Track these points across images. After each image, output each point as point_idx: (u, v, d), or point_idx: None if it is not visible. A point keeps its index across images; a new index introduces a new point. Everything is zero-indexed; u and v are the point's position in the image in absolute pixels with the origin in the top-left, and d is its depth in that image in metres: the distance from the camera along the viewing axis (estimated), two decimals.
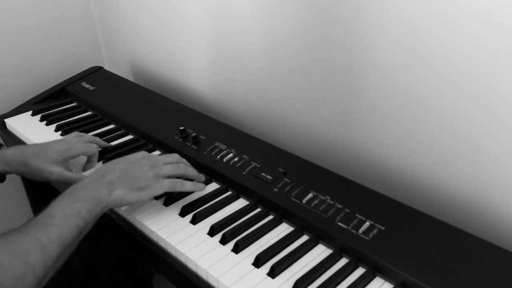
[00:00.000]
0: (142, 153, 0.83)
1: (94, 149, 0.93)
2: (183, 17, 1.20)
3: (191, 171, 0.84)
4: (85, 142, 0.93)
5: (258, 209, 0.81)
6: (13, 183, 1.36)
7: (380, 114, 0.88)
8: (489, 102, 0.72)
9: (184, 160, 0.86)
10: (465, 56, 0.72)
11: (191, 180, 0.84)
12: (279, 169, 0.86)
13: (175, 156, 0.85)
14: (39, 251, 0.62)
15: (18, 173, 0.89)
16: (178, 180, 0.80)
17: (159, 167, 0.79)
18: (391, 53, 0.81)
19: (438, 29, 0.74)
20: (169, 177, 0.79)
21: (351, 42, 0.86)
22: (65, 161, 0.88)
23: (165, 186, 0.78)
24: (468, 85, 0.74)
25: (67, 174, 0.86)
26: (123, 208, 0.82)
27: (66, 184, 0.81)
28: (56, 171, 0.85)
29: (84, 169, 0.94)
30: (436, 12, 0.73)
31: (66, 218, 0.67)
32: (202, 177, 0.86)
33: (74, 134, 0.97)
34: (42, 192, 1.21)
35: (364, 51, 0.85)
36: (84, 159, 0.94)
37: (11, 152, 0.88)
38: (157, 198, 0.84)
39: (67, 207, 0.68)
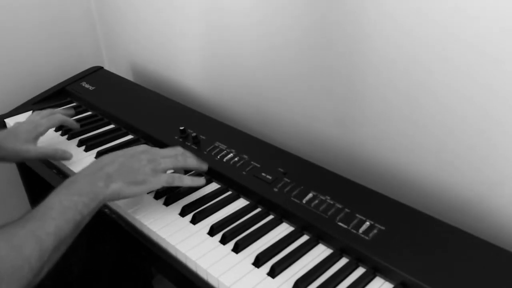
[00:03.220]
0: (143, 147, 0.82)
1: (58, 119, 0.99)
2: (184, 17, 1.20)
3: (191, 161, 0.83)
4: (47, 116, 0.99)
5: (258, 209, 0.81)
6: (12, 179, 1.36)
7: (379, 115, 0.88)
8: (488, 103, 0.72)
9: (188, 153, 0.85)
10: (463, 58, 0.72)
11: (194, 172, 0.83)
12: (279, 169, 0.86)
13: (178, 149, 0.84)
14: (35, 243, 0.62)
15: None
16: (177, 175, 0.80)
17: (158, 161, 0.79)
18: (390, 55, 0.81)
19: (436, 31, 0.74)
20: (168, 171, 0.79)
21: (349, 43, 0.86)
22: (36, 139, 0.95)
23: (163, 180, 0.77)
24: (466, 86, 0.74)
25: (43, 149, 0.94)
26: (122, 207, 0.82)
27: (46, 158, 0.94)
28: (31, 148, 0.92)
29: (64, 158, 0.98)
30: (434, 14, 0.73)
31: (63, 211, 0.67)
32: (204, 165, 0.85)
33: (35, 113, 1.02)
34: (41, 188, 1.21)
35: (362, 51, 0.85)
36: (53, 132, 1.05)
37: None
38: (157, 197, 0.84)
39: (64, 200, 0.68)
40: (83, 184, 0.72)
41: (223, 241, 0.74)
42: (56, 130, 1.11)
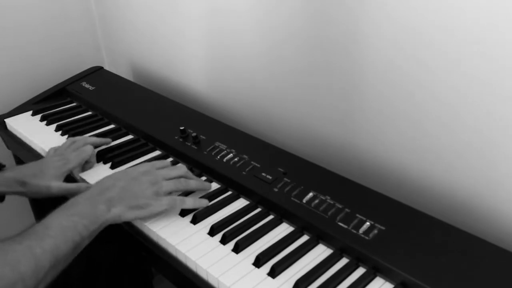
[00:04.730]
0: (145, 167, 0.82)
1: (88, 153, 0.94)
2: (183, 17, 1.20)
3: (194, 184, 0.83)
4: (79, 148, 0.94)
5: (258, 209, 0.81)
6: None
7: (380, 114, 0.88)
8: (487, 102, 0.72)
9: (189, 174, 0.85)
10: (463, 57, 0.72)
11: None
12: (279, 169, 0.86)
13: (181, 169, 0.84)
14: (31, 260, 0.62)
15: (17, 193, 0.89)
16: (178, 198, 0.79)
17: (159, 184, 0.78)
18: (389, 54, 0.81)
19: (436, 29, 0.74)
20: (170, 192, 0.79)
21: (348, 42, 0.86)
22: (63, 175, 0.90)
23: (164, 204, 0.77)
24: (465, 85, 0.74)
25: (65, 186, 0.88)
26: None
27: (70, 194, 0.84)
28: (54, 185, 0.87)
29: (84, 169, 0.94)
30: (434, 12, 0.73)
31: (62, 231, 0.67)
32: (208, 186, 0.85)
33: (69, 142, 0.97)
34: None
35: (361, 51, 0.85)
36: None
37: (10, 174, 0.89)
38: None
39: (64, 220, 0.68)
40: (84, 206, 0.72)
41: (223, 241, 0.74)
42: (56, 130, 1.11)
